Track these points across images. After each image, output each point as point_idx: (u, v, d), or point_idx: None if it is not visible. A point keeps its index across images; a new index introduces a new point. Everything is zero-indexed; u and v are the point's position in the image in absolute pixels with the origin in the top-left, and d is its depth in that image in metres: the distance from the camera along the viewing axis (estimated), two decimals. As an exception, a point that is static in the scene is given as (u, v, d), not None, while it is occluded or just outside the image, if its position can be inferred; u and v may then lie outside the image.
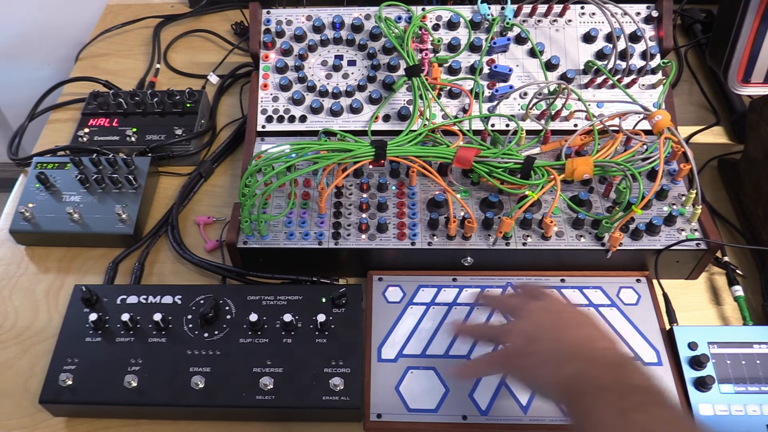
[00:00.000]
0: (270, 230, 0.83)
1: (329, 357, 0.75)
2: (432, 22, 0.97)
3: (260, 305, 0.79)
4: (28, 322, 0.86)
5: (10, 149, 1.05)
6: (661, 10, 0.95)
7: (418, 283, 0.83)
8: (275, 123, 0.94)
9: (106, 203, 0.92)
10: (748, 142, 0.91)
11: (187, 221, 0.96)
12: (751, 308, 0.83)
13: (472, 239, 0.82)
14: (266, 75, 0.96)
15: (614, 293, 0.82)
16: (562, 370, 0.58)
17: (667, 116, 0.81)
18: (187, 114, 1.04)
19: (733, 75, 0.88)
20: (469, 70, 0.94)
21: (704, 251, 0.81)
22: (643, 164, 0.82)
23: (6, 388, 0.80)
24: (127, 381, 0.73)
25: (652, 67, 0.93)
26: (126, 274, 0.90)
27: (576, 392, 0.56)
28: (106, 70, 1.19)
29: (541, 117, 0.91)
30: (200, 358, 0.75)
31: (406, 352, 0.77)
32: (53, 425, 0.77)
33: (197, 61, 1.20)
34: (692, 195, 0.82)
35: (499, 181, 0.82)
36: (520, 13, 0.96)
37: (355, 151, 0.81)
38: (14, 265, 0.92)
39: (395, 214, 0.85)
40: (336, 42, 0.98)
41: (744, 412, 0.72)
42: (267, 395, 0.72)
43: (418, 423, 0.72)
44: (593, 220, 0.82)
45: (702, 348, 0.75)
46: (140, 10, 1.29)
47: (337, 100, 0.94)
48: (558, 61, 0.93)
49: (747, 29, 0.84)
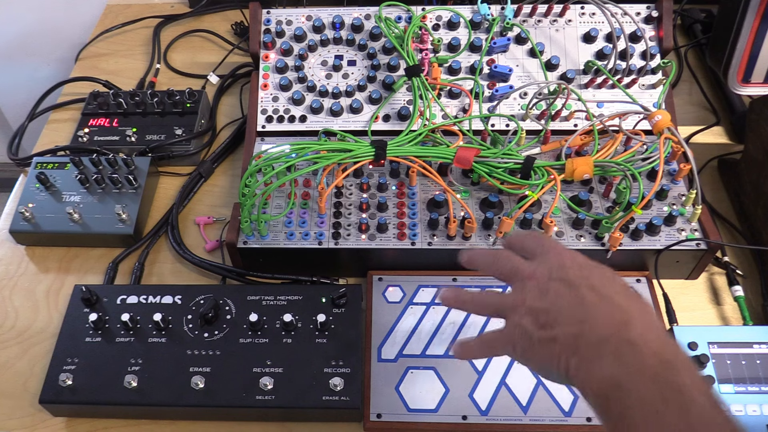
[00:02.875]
0: (270, 230, 0.83)
1: (329, 357, 0.75)
2: (432, 22, 0.97)
3: (260, 305, 0.79)
4: (28, 322, 0.86)
5: (10, 149, 1.05)
6: (661, 10, 0.94)
7: (418, 283, 0.83)
8: (275, 123, 0.94)
9: (106, 203, 0.92)
10: (748, 142, 0.91)
11: (187, 221, 0.96)
12: (751, 308, 0.83)
13: (472, 239, 0.82)
14: (266, 75, 0.96)
15: (614, 293, 0.82)
16: (592, 370, 0.48)
17: (667, 116, 0.81)
18: (187, 114, 1.04)
19: (733, 75, 0.88)
20: (469, 70, 0.94)
21: (704, 251, 0.81)
22: (643, 164, 0.82)
23: (6, 388, 0.80)
24: (127, 381, 0.73)
25: (652, 67, 0.93)
26: (126, 274, 0.90)
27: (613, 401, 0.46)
28: (106, 70, 1.19)
29: (541, 117, 0.91)
30: (200, 358, 0.75)
31: (406, 352, 0.77)
32: (53, 425, 0.77)
33: (197, 61, 1.20)
34: (692, 195, 0.82)
35: (499, 181, 0.82)
36: (520, 13, 0.96)
37: (355, 151, 0.81)
38: (14, 265, 0.92)
39: (395, 214, 0.85)
40: (336, 42, 0.98)
41: (744, 412, 0.72)
42: (267, 395, 0.72)
43: (418, 423, 0.72)
44: (593, 220, 0.82)
45: (702, 348, 0.75)
46: (140, 10, 1.29)
47: (337, 100, 0.94)
48: (558, 61, 0.93)
49: (747, 29, 0.84)
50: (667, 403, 0.44)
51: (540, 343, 0.51)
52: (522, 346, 0.52)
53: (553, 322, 0.51)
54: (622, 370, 0.46)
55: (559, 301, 0.51)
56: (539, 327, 0.51)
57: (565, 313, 0.50)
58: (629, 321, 0.48)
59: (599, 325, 0.49)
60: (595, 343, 0.48)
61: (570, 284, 0.52)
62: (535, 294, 0.53)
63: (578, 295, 0.51)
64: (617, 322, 0.49)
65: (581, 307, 0.50)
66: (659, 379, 0.45)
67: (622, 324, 0.48)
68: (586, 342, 0.48)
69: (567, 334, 0.49)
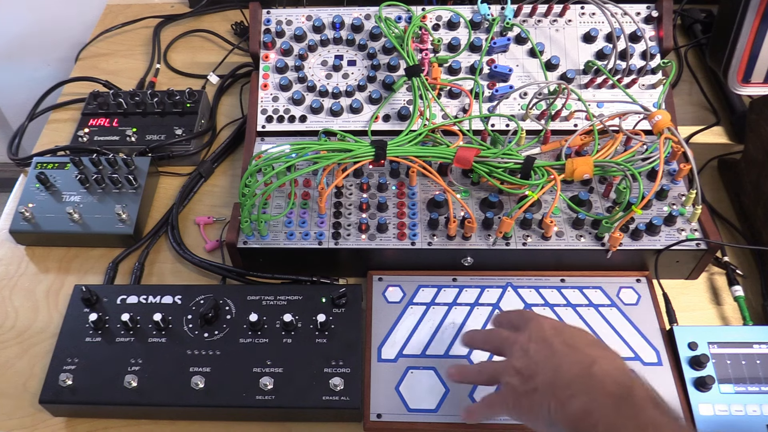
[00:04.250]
0: (270, 230, 0.83)
1: (329, 357, 0.75)
2: (432, 22, 0.97)
3: (260, 305, 0.79)
4: (28, 322, 0.86)
5: (10, 149, 1.05)
6: (661, 10, 0.94)
7: (418, 283, 0.83)
8: (275, 123, 0.94)
9: (106, 203, 0.92)
10: (748, 142, 0.91)
11: (187, 221, 0.96)
12: (751, 308, 0.83)
13: (472, 239, 0.82)
14: (266, 75, 0.97)
15: (614, 293, 0.82)
16: (567, 407, 0.56)
17: (667, 116, 0.81)
18: (187, 114, 1.04)
19: (733, 75, 0.88)
20: (469, 70, 0.94)
21: (704, 251, 0.81)
22: (643, 164, 0.82)
23: (6, 388, 0.80)
24: (127, 381, 0.73)
25: (652, 67, 0.93)
26: (126, 274, 0.90)
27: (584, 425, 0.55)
28: (106, 70, 1.19)
29: (541, 117, 0.91)
30: (200, 358, 0.75)
31: (406, 352, 0.77)
32: (53, 425, 0.77)
33: (197, 61, 1.20)
34: (692, 195, 0.82)
35: (499, 181, 0.82)
36: (520, 13, 0.96)
37: (355, 151, 0.81)
38: (14, 265, 0.92)
39: (395, 214, 0.85)
40: (336, 42, 0.98)
41: (744, 412, 0.72)
42: (267, 395, 0.72)
43: (418, 423, 0.72)
44: (593, 220, 0.82)
45: (702, 348, 0.75)
46: (140, 10, 1.29)
47: (337, 100, 0.94)
48: (558, 61, 0.93)
49: (747, 29, 0.84)
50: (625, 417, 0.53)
51: (525, 395, 0.59)
52: (512, 401, 0.61)
53: (533, 374, 0.60)
54: (589, 398, 0.55)
55: (537, 355, 0.61)
56: (523, 381, 0.60)
57: (541, 364, 0.60)
58: (594, 362, 0.58)
59: (569, 369, 0.58)
60: (567, 384, 0.57)
61: (545, 341, 0.61)
62: (519, 354, 0.62)
63: (552, 348, 0.60)
64: (584, 364, 0.58)
65: (554, 357, 0.60)
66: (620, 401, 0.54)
67: (588, 365, 0.58)
68: (560, 384, 0.57)
69: (545, 382, 0.58)
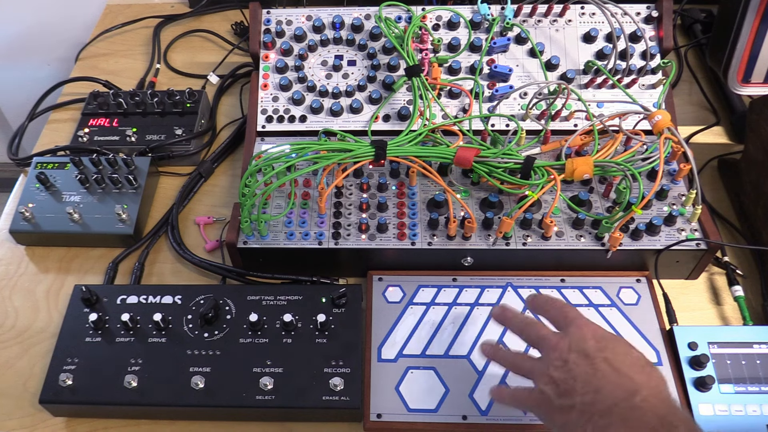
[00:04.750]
0: (270, 230, 0.83)
1: (329, 357, 0.75)
2: (432, 22, 0.97)
3: (260, 305, 0.79)
4: (28, 322, 0.86)
5: (10, 149, 1.05)
6: (661, 10, 0.94)
7: (418, 283, 0.83)
8: (275, 123, 0.94)
9: (106, 203, 0.92)
10: (748, 142, 0.91)
11: (187, 221, 0.96)
12: (751, 308, 0.83)
13: (472, 239, 0.82)
14: (266, 75, 0.97)
15: (614, 293, 0.82)
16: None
17: (667, 116, 0.81)
18: (187, 114, 1.04)
19: (733, 75, 0.88)
20: (469, 70, 0.94)
21: (704, 251, 0.81)
22: (643, 164, 0.82)
23: (6, 388, 0.80)
24: (127, 381, 0.73)
25: (652, 67, 0.93)
26: (126, 274, 0.90)
27: None
28: (106, 70, 1.19)
29: (541, 117, 0.91)
30: (200, 358, 0.75)
31: (406, 352, 0.77)
32: (53, 425, 0.77)
33: (197, 61, 1.20)
34: (692, 195, 0.82)
35: (499, 181, 0.82)
36: (520, 13, 0.96)
37: (355, 151, 0.81)
38: (14, 265, 0.92)
39: (395, 214, 0.85)
40: (336, 42, 0.98)
41: (744, 412, 0.72)
42: (267, 395, 0.72)
43: (418, 423, 0.73)
44: (593, 220, 0.82)
45: (702, 348, 0.75)
46: (140, 10, 1.29)
47: (337, 100, 0.94)
48: (558, 61, 0.93)
49: (747, 29, 0.84)
50: None
51: (560, 411, 0.58)
52: (545, 410, 0.60)
53: (571, 390, 0.58)
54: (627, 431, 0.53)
55: (577, 370, 0.58)
56: (559, 395, 0.58)
57: (581, 381, 0.57)
58: (637, 390, 0.55)
59: (610, 394, 0.56)
60: (606, 411, 0.55)
61: (587, 356, 0.59)
62: (557, 364, 0.60)
63: (594, 366, 0.58)
64: (626, 391, 0.56)
65: (595, 378, 0.57)
66: None
67: (630, 393, 0.55)
68: (599, 410, 0.55)
69: (583, 402, 0.56)
